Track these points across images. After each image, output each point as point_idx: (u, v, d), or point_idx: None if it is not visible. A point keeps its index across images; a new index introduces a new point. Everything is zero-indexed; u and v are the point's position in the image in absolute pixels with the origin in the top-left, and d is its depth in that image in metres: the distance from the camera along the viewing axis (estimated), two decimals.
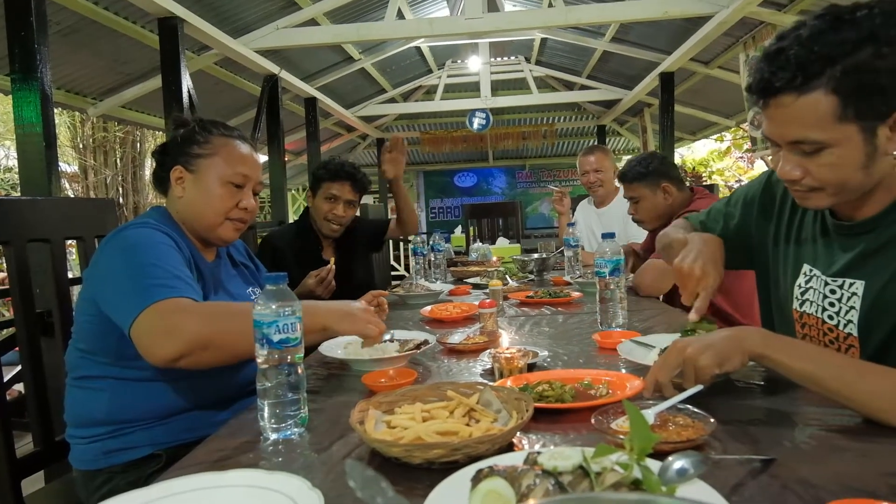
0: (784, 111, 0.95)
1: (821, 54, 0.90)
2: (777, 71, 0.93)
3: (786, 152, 1.00)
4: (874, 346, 1.04)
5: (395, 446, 0.79)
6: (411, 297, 2.23)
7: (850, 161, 0.95)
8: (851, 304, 1.06)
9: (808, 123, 0.93)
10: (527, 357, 1.19)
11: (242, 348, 1.08)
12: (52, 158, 2.40)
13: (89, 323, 1.22)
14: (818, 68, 0.90)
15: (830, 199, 1.01)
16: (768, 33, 4.11)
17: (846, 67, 0.89)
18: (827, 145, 0.94)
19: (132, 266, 1.16)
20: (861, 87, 0.90)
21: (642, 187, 2.31)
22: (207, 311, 1.13)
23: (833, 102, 0.91)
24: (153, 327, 1.08)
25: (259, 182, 1.43)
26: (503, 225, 5.05)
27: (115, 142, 8.78)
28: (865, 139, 0.93)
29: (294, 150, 8.28)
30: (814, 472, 0.72)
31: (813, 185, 0.99)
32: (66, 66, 4.09)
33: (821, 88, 0.90)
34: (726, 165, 10.97)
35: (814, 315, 1.14)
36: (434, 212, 11.98)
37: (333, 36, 4.63)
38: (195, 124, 1.39)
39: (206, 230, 1.37)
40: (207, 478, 0.76)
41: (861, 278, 1.05)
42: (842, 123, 0.92)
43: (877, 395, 0.84)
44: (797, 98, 0.92)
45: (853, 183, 0.97)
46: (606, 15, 4.45)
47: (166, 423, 1.22)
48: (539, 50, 7.40)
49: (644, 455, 0.63)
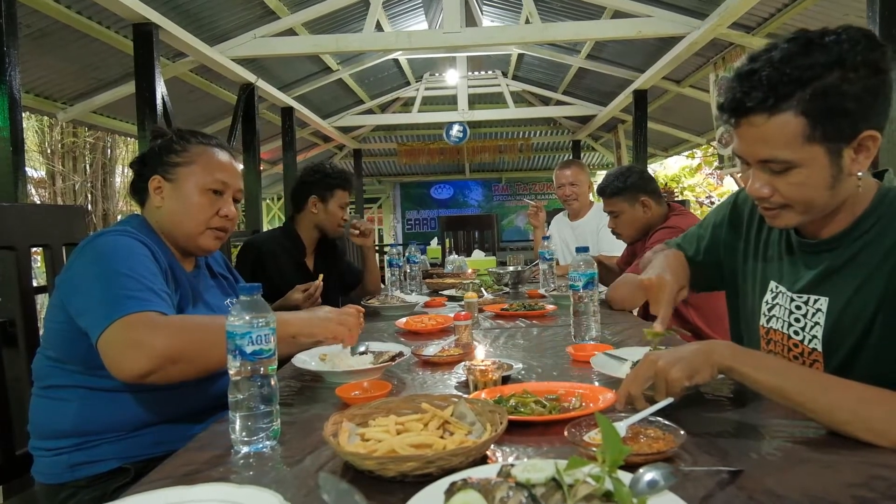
0: (755, 130, 0.97)
1: (792, 77, 0.92)
2: (749, 91, 0.95)
3: (756, 171, 1.02)
4: (838, 361, 1.06)
5: (369, 459, 0.79)
6: (386, 308, 2.22)
7: (816, 181, 0.97)
8: (816, 319, 1.09)
9: (777, 143, 0.96)
10: (501, 369, 1.19)
11: (213, 361, 1.08)
12: (19, 163, 2.34)
13: (59, 330, 1.19)
14: (789, 90, 0.93)
15: (798, 218, 1.04)
16: (738, 54, 4.23)
17: (815, 90, 0.91)
18: (795, 165, 0.96)
19: (104, 275, 1.13)
20: (828, 110, 0.92)
21: (621, 201, 2.33)
22: (177, 324, 1.12)
23: (802, 124, 0.93)
24: (121, 341, 1.06)
25: (239, 189, 1.42)
26: (479, 237, 5.07)
27: (85, 147, 8.61)
28: (831, 160, 0.96)
29: (270, 160, 8.21)
30: (780, 484, 0.74)
31: (781, 202, 1.02)
32: (36, 70, 4.01)
33: (791, 110, 0.93)
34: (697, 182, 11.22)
35: (780, 331, 1.16)
36: (410, 223, 11.97)
37: (312, 46, 4.63)
38: (173, 134, 1.38)
39: (186, 239, 1.35)
40: (175, 492, 0.74)
41: (825, 295, 1.08)
42: (810, 144, 0.94)
43: (839, 407, 0.86)
44: (768, 119, 0.95)
45: (820, 202, 1.00)
46: (582, 33, 4.54)
47: (135, 436, 1.19)
48: (516, 65, 7.50)
49: (616, 467, 0.64)
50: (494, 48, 6.29)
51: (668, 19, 4.13)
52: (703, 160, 10.50)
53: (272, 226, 8.36)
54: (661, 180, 11.25)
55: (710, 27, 3.81)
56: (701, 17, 3.96)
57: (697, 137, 7.33)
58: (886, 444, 0.82)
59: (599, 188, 2.44)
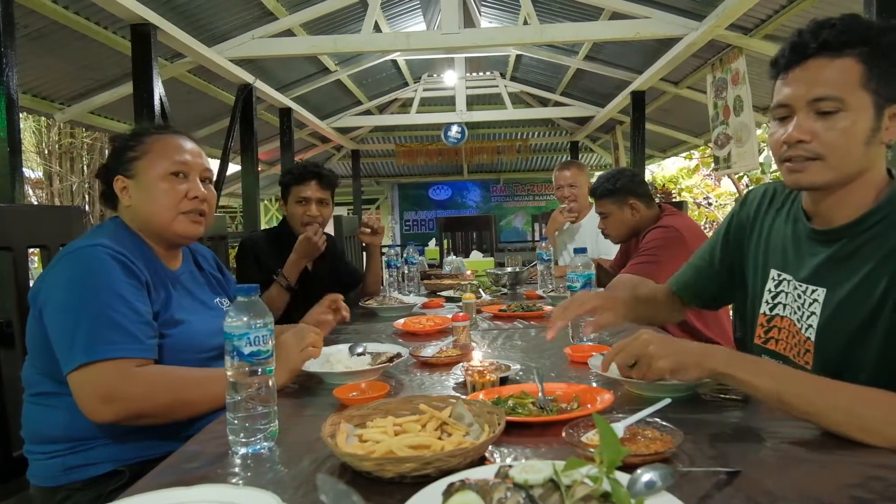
0: (814, 72, 1.02)
1: (856, 30, 1.01)
2: (819, 34, 1.01)
3: (801, 115, 1.04)
4: (826, 355, 1.07)
5: (367, 460, 0.78)
6: (384, 309, 2.22)
7: (858, 130, 1.01)
8: (812, 310, 1.10)
9: (836, 83, 1.01)
10: (499, 370, 1.19)
11: (183, 416, 1.14)
12: (17, 164, 2.33)
13: (41, 344, 1.17)
14: (855, 38, 1.01)
15: (823, 174, 1.04)
16: (735, 56, 4.24)
17: (876, 44, 1.00)
18: (845, 108, 1.00)
19: (80, 307, 1.12)
20: (885, 64, 1.00)
21: (610, 203, 2.39)
22: (150, 380, 1.13)
23: (861, 70, 1.00)
24: (90, 388, 1.09)
25: (206, 170, 1.38)
26: (477, 238, 5.07)
27: (83, 148, 8.59)
28: (875, 115, 1.01)
29: (268, 161, 8.20)
30: (777, 485, 0.74)
31: (816, 152, 1.03)
32: (33, 71, 4.00)
33: (853, 56, 1.00)
34: (695, 183, 11.23)
35: (787, 317, 1.17)
36: (408, 224, 11.97)
37: (310, 47, 4.62)
38: (128, 134, 1.37)
39: (163, 229, 1.32)
40: (172, 493, 0.74)
41: (823, 286, 1.09)
42: (863, 91, 1.00)
43: (834, 408, 0.87)
44: (831, 60, 1.01)
45: (852, 156, 1.02)
46: (580, 34, 4.54)
47: (129, 439, 1.18)
48: (514, 66, 7.49)
49: (613, 468, 0.64)
50: (492, 49, 6.28)
51: (666, 21, 4.13)
52: (700, 161, 10.51)
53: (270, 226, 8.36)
54: (658, 181, 11.26)
55: (707, 29, 3.81)
56: (699, 18, 3.97)
57: (695, 139, 7.33)
58: (883, 443, 0.83)
59: (591, 189, 2.52)
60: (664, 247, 2.19)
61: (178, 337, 1.25)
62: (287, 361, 1.18)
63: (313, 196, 2.40)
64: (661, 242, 2.21)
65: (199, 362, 1.25)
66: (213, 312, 1.40)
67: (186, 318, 1.30)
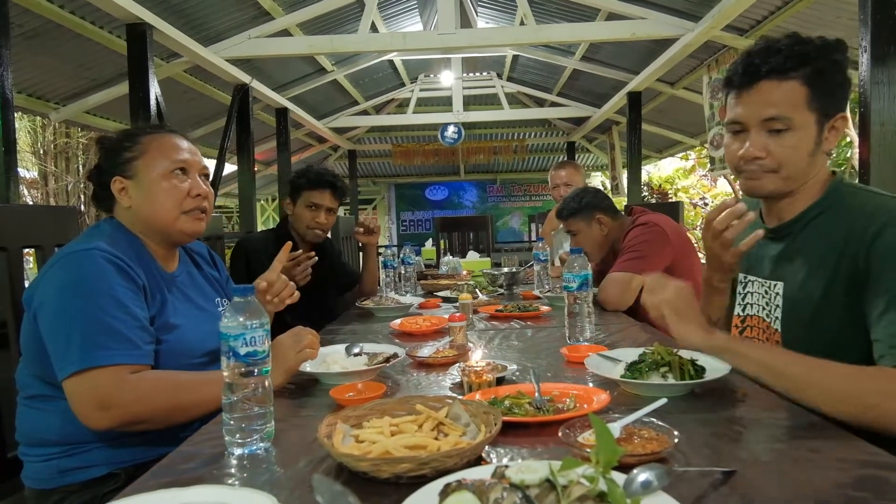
0: (766, 94, 1.13)
1: (801, 52, 1.12)
2: (768, 58, 1.12)
3: (754, 133, 1.15)
4: (791, 345, 1.15)
5: (363, 461, 0.78)
6: (381, 309, 2.22)
7: (804, 145, 1.13)
8: (777, 303, 1.22)
9: (785, 104, 1.12)
10: (496, 371, 1.19)
11: (180, 421, 1.14)
12: (12, 164, 2.32)
13: (35, 348, 1.16)
14: (800, 62, 1.11)
15: (776, 183, 1.16)
16: (731, 57, 4.26)
17: (816, 67, 1.12)
18: (794, 126, 1.12)
19: (75, 312, 1.11)
20: (824, 84, 1.12)
21: (577, 221, 2.42)
22: (146, 387, 1.12)
23: (805, 91, 1.12)
24: (86, 395, 1.08)
25: (203, 167, 1.37)
26: (474, 238, 5.07)
27: (78, 148, 8.56)
28: (818, 130, 1.14)
29: (264, 160, 8.18)
30: (772, 484, 0.75)
31: (772, 165, 1.15)
32: (28, 70, 3.98)
33: (798, 79, 1.12)
34: (691, 183, 11.25)
35: (756, 315, 1.28)
36: (405, 224, 11.96)
37: (307, 47, 4.62)
38: (121, 134, 1.35)
39: (166, 229, 1.31)
40: (169, 494, 0.74)
41: (781, 280, 1.22)
42: (808, 111, 1.12)
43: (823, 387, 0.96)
44: (780, 83, 1.12)
45: (800, 166, 1.15)
46: (576, 34, 4.55)
47: (124, 442, 1.17)
48: (511, 66, 7.50)
49: (609, 468, 0.64)
50: (489, 49, 6.28)
51: (662, 21, 4.14)
52: (696, 162, 10.52)
53: (266, 227, 8.35)
54: (655, 182, 11.28)
55: (703, 30, 3.82)
56: (695, 19, 3.98)
57: (691, 139, 7.35)
58: (870, 416, 0.91)
59: (557, 211, 2.56)
60: (648, 241, 2.21)
61: (174, 342, 1.24)
62: (284, 362, 1.18)
63: (324, 205, 2.44)
64: (643, 237, 2.23)
65: (194, 366, 1.25)
66: (207, 316, 1.38)
67: (181, 323, 1.28)
